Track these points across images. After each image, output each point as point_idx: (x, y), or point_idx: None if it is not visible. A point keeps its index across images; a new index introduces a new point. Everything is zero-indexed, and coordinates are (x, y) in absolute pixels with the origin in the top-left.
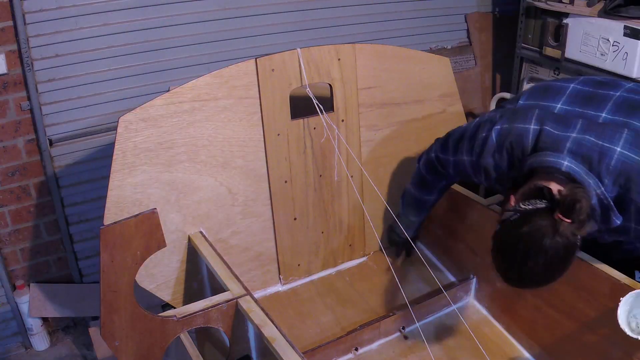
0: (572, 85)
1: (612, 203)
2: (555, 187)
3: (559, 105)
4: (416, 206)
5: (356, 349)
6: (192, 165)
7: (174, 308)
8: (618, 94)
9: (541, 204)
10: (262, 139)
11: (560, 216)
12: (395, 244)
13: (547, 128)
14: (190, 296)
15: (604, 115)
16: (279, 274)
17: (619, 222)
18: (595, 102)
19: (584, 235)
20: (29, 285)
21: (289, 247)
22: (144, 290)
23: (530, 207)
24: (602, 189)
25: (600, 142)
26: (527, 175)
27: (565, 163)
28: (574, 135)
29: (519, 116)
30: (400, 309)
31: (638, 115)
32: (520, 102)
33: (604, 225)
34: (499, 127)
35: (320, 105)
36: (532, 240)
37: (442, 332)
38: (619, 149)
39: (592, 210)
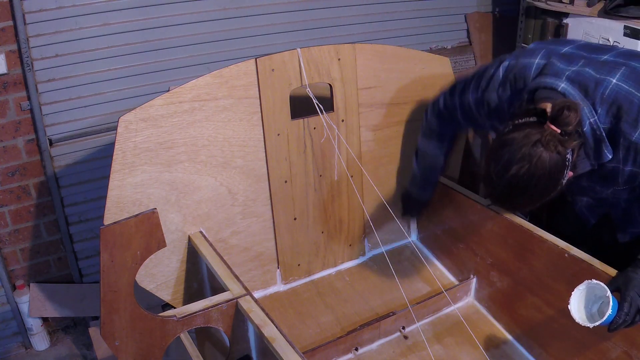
0: (580, 40)
1: (604, 134)
2: (549, 107)
3: (566, 49)
4: (430, 161)
5: (356, 349)
6: (192, 165)
7: (174, 308)
8: (622, 49)
9: (533, 119)
10: (262, 139)
11: (549, 124)
12: (411, 211)
13: (552, 61)
14: (190, 296)
15: (605, 57)
16: (279, 274)
17: (610, 156)
18: (600, 51)
19: (571, 156)
20: (29, 285)
21: (289, 247)
22: (144, 290)
23: (522, 121)
24: (596, 117)
25: (598, 75)
26: (527, 102)
27: (562, 85)
28: (574, 68)
29: (526, 53)
30: (400, 309)
31: (638, 60)
32: (531, 45)
33: (595, 161)
34: (507, 63)
35: (320, 105)
36: (518, 145)
37: (442, 332)
38: (614, 80)
39: (582, 143)
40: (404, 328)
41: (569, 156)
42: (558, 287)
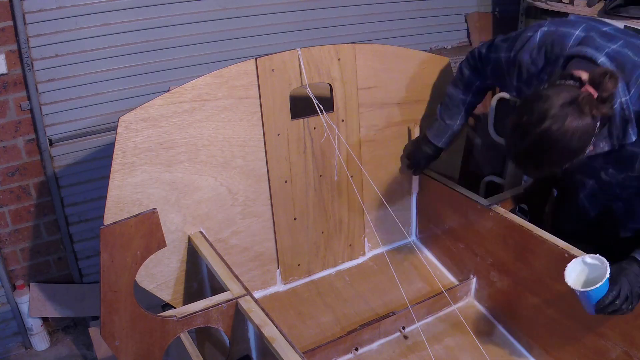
0: (616, 25)
1: (632, 115)
2: (585, 75)
3: (606, 28)
4: (451, 107)
5: (356, 349)
6: (192, 165)
7: (174, 308)
8: None
9: (570, 82)
10: (262, 139)
11: (588, 87)
12: (418, 163)
13: (592, 35)
14: (190, 296)
15: None
16: (279, 274)
17: (634, 138)
18: (637, 36)
19: (602, 115)
20: (29, 285)
21: (289, 247)
22: (144, 290)
23: (560, 82)
24: (628, 97)
25: (636, 58)
26: (561, 68)
27: (602, 59)
28: (614, 46)
29: (567, 23)
30: (400, 309)
31: None
32: (571, 17)
33: (617, 142)
34: (545, 28)
35: (320, 105)
36: (554, 100)
37: (442, 332)
38: None
39: (610, 118)
40: (404, 328)
41: (597, 125)
42: (558, 287)
